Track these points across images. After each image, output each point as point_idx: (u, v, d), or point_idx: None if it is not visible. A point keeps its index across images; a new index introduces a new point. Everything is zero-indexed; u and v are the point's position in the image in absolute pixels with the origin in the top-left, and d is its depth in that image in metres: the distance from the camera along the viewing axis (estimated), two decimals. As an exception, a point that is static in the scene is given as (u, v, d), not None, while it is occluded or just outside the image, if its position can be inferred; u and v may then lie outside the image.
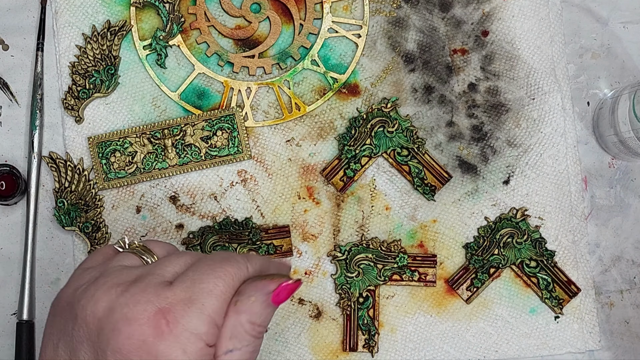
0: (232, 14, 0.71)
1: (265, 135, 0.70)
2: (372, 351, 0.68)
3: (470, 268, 0.69)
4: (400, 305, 0.69)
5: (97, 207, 0.69)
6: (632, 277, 0.71)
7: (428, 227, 0.70)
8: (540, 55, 0.71)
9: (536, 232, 0.69)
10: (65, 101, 0.69)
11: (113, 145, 0.69)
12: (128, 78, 0.70)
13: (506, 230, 0.69)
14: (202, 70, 0.70)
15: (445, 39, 0.71)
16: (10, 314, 0.69)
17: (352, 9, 0.71)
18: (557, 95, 0.71)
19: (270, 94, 0.70)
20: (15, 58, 0.70)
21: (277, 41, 0.71)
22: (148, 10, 0.70)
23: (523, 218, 0.69)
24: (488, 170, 0.70)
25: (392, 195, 0.70)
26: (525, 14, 0.71)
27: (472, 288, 0.69)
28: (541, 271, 0.69)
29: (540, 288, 0.69)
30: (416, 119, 0.70)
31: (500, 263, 0.68)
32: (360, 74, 0.71)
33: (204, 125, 0.69)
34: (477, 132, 0.70)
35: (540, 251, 0.69)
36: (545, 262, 0.69)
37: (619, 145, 0.69)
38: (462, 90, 0.71)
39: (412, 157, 0.69)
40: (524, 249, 0.69)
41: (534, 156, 0.70)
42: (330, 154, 0.70)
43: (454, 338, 0.70)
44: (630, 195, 0.72)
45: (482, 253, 0.69)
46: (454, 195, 0.70)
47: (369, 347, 0.68)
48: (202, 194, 0.69)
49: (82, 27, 0.70)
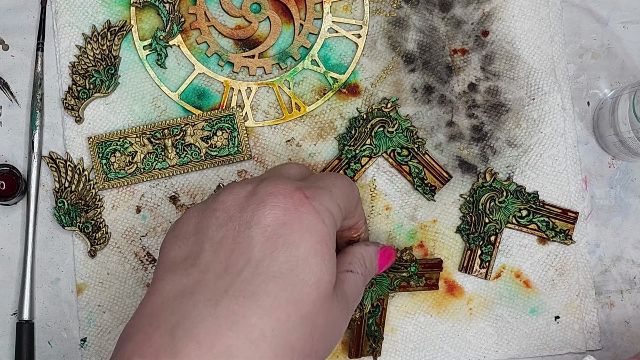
0: (232, 14, 0.71)
1: (266, 135, 0.70)
2: (375, 356, 0.68)
3: (473, 247, 0.69)
4: (401, 306, 0.69)
5: (97, 207, 0.69)
6: (632, 277, 0.71)
7: (428, 227, 0.70)
8: (540, 55, 0.71)
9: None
10: (65, 101, 0.69)
11: (113, 145, 0.69)
12: (128, 78, 0.70)
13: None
14: (202, 70, 0.70)
15: (446, 39, 0.71)
16: (10, 314, 0.69)
17: (352, 9, 0.71)
18: (557, 95, 0.71)
19: (271, 94, 0.70)
20: (15, 58, 0.70)
21: (277, 41, 0.71)
22: (148, 10, 0.70)
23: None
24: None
25: (392, 195, 0.70)
26: (525, 13, 0.71)
27: (484, 264, 0.69)
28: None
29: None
30: (416, 119, 0.70)
31: (496, 228, 0.69)
32: (360, 74, 0.71)
33: (204, 125, 0.69)
34: (477, 132, 0.70)
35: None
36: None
37: (619, 145, 0.69)
38: (462, 90, 0.71)
39: (412, 157, 0.69)
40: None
41: (534, 156, 0.70)
42: (330, 154, 0.70)
43: (454, 338, 0.70)
44: (630, 195, 0.72)
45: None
46: (454, 195, 0.70)
47: (373, 352, 0.68)
48: (202, 194, 0.69)
49: (82, 27, 0.70)
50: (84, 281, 0.69)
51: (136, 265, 0.69)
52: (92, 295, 0.69)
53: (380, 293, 0.68)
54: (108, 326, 0.68)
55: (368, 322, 0.68)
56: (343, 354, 0.69)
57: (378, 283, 0.68)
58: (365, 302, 0.68)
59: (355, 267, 0.56)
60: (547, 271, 0.70)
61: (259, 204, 0.48)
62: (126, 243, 0.69)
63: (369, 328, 0.68)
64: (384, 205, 0.70)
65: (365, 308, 0.68)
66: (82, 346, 0.68)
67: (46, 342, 0.69)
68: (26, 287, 0.68)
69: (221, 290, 0.45)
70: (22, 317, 0.67)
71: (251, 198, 0.49)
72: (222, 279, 0.46)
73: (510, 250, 0.70)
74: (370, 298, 0.68)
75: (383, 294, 0.68)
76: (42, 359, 0.68)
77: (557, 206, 0.70)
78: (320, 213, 0.49)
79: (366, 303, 0.68)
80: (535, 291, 0.70)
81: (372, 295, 0.68)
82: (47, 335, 0.69)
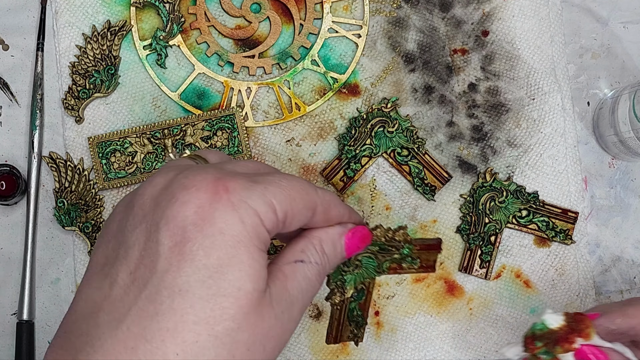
0: (232, 14, 0.71)
1: (266, 135, 0.70)
2: (357, 342, 0.66)
3: (473, 247, 0.69)
4: (401, 306, 0.69)
5: (97, 207, 0.69)
6: (632, 277, 0.71)
7: (428, 227, 0.70)
8: (540, 55, 0.71)
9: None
10: (66, 101, 0.69)
11: (113, 145, 0.69)
12: (128, 78, 0.70)
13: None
14: (202, 70, 0.70)
15: (446, 39, 0.71)
16: (10, 314, 0.69)
17: (352, 9, 0.71)
18: (557, 95, 0.71)
19: (271, 94, 0.70)
20: (15, 58, 0.70)
21: (277, 41, 0.71)
22: (148, 10, 0.70)
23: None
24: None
25: (392, 195, 0.70)
26: (525, 13, 0.71)
27: (484, 264, 0.69)
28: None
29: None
30: (416, 119, 0.70)
31: (497, 228, 0.69)
32: (360, 74, 0.71)
33: (204, 125, 0.69)
34: (477, 132, 0.70)
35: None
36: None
37: (619, 145, 0.69)
38: (462, 90, 0.71)
39: (412, 157, 0.69)
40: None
41: (534, 156, 0.70)
42: (330, 154, 0.70)
43: (454, 338, 0.70)
44: (630, 195, 0.72)
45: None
46: (454, 195, 0.70)
47: (354, 337, 0.65)
48: (202, 194, 0.69)
49: (82, 27, 0.70)
50: (84, 281, 0.69)
51: (136, 265, 0.69)
52: (92, 295, 0.69)
53: (366, 276, 0.64)
54: (108, 326, 0.68)
55: (350, 307, 0.65)
56: (343, 354, 0.69)
57: (363, 266, 0.64)
58: (347, 286, 0.64)
59: (307, 256, 0.47)
60: (547, 271, 0.70)
61: (170, 200, 0.40)
62: (126, 243, 0.69)
63: (350, 312, 0.65)
64: (384, 205, 0.70)
65: (347, 292, 0.64)
66: (82, 346, 0.68)
67: (46, 342, 0.69)
68: (26, 287, 0.68)
69: (125, 308, 0.39)
70: (22, 317, 0.67)
71: (165, 191, 0.41)
72: (127, 294, 0.39)
73: (511, 250, 0.70)
74: (353, 282, 0.64)
75: (368, 277, 0.65)
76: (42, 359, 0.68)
77: (557, 206, 0.70)
78: (240, 210, 0.40)
79: (348, 287, 0.64)
80: (535, 291, 0.70)
81: (356, 278, 0.64)
82: (47, 335, 0.69)
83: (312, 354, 0.69)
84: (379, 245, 0.64)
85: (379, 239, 0.62)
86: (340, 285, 0.63)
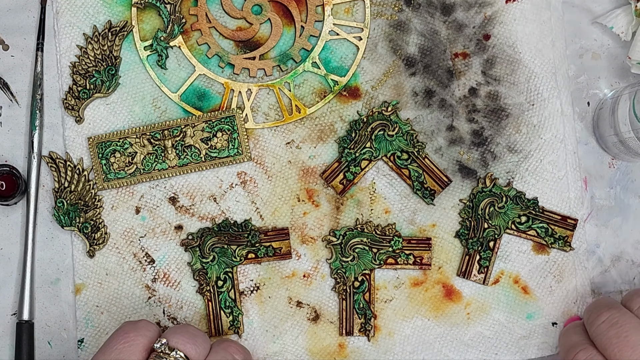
0: (233, 15, 0.70)
1: (266, 137, 0.70)
2: (368, 335, 0.69)
3: (471, 252, 0.69)
4: (398, 309, 0.70)
5: (96, 207, 0.69)
6: (631, 278, 0.71)
7: (427, 231, 0.70)
8: (541, 59, 0.71)
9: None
10: (66, 101, 0.69)
11: (113, 145, 0.69)
12: (129, 78, 0.70)
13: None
14: (203, 72, 0.70)
15: (447, 42, 0.71)
16: (10, 314, 0.69)
17: (354, 12, 0.71)
18: (557, 101, 0.71)
19: (271, 96, 0.70)
20: (15, 58, 0.70)
21: (278, 43, 0.71)
22: (149, 11, 0.70)
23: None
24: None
25: (391, 199, 0.70)
26: (527, 17, 0.71)
27: (482, 269, 0.69)
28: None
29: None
30: (416, 123, 0.70)
31: (495, 234, 0.69)
32: (361, 76, 0.70)
33: (204, 127, 0.69)
34: (478, 137, 0.70)
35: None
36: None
37: (619, 145, 0.69)
38: (462, 94, 0.70)
39: (412, 161, 0.69)
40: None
41: (534, 162, 0.70)
42: (330, 157, 0.70)
43: (452, 342, 0.70)
44: (630, 196, 0.72)
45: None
46: (453, 199, 0.70)
47: (365, 331, 0.68)
48: (201, 195, 0.70)
49: (83, 27, 0.70)
50: (83, 281, 0.69)
51: (134, 265, 0.69)
52: (90, 295, 0.69)
53: (364, 267, 0.68)
54: (106, 327, 0.69)
55: (355, 298, 0.68)
56: (341, 357, 0.69)
57: (360, 257, 0.68)
58: (347, 275, 0.68)
59: None
60: (546, 277, 0.70)
61: None
62: (125, 244, 0.69)
63: (356, 304, 0.68)
64: (383, 208, 0.70)
65: (349, 281, 0.68)
66: (80, 347, 0.68)
67: (46, 342, 0.69)
68: (26, 287, 0.68)
69: None
70: (22, 317, 0.67)
71: None
72: None
73: (509, 256, 0.70)
74: (353, 271, 0.68)
75: (367, 268, 0.68)
76: (42, 359, 0.69)
77: (557, 213, 0.70)
78: None
79: (349, 276, 0.68)
80: (533, 297, 0.70)
81: (355, 269, 0.68)
82: (47, 336, 0.69)
83: (310, 356, 0.69)
84: (370, 237, 0.68)
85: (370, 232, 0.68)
86: (342, 275, 0.69)
